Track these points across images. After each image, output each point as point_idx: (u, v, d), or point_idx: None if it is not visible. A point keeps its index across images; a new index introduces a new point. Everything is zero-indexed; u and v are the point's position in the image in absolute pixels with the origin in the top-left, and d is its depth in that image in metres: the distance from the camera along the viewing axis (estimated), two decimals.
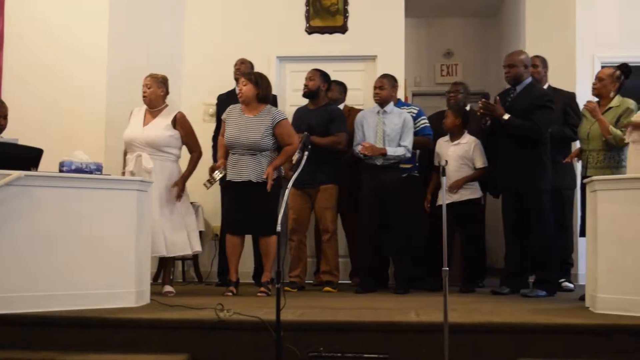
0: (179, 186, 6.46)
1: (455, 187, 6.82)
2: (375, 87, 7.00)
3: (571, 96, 7.08)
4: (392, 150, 6.78)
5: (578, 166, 6.82)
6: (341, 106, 7.56)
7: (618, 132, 6.00)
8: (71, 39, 7.51)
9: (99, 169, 5.49)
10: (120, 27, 7.67)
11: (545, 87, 7.10)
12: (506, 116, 6.34)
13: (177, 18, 8.28)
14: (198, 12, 8.31)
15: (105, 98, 7.48)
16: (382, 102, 6.94)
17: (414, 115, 7.22)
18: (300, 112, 7.21)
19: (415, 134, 7.10)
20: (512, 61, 6.55)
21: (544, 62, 7.22)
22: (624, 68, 6.27)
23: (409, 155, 6.90)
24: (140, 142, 6.41)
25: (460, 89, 7.58)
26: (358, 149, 6.83)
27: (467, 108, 7.44)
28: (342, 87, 7.70)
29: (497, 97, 6.47)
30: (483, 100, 6.47)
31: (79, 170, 5.36)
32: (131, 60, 7.63)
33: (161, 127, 6.47)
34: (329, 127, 6.99)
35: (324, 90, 7.18)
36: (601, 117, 6.07)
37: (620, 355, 4.47)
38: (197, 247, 6.62)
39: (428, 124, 7.27)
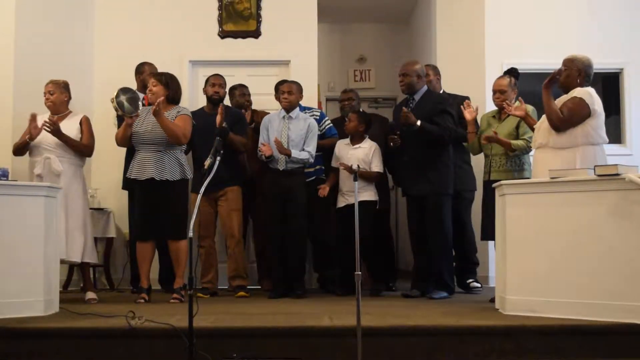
0: (56, 127, 6.25)
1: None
2: (283, 92, 6.96)
3: (463, 99, 7.20)
4: (297, 153, 6.77)
5: (479, 168, 6.94)
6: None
7: (519, 142, 6.17)
8: None
9: (4, 174, 5.37)
10: (27, 31, 7.47)
11: (440, 92, 7.25)
12: (419, 122, 6.43)
13: (87, 21, 8.11)
14: (108, 15, 8.16)
15: (12, 103, 7.30)
16: (290, 108, 6.94)
17: (317, 117, 7.28)
18: (200, 115, 7.03)
19: (322, 135, 7.17)
20: (406, 71, 6.69)
21: (435, 69, 7.39)
22: (514, 72, 6.46)
23: (311, 160, 6.91)
24: (49, 143, 6.31)
25: (353, 96, 7.69)
26: (264, 149, 6.79)
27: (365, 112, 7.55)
28: (248, 90, 7.65)
29: (405, 108, 6.53)
30: (404, 109, 6.51)
31: None
32: (39, 64, 7.42)
33: (69, 128, 6.40)
34: (234, 128, 6.93)
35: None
36: (502, 140, 6.20)
37: (528, 355, 4.59)
38: (94, 258, 6.60)
39: (332, 124, 7.37)
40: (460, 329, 4.72)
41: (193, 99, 7.86)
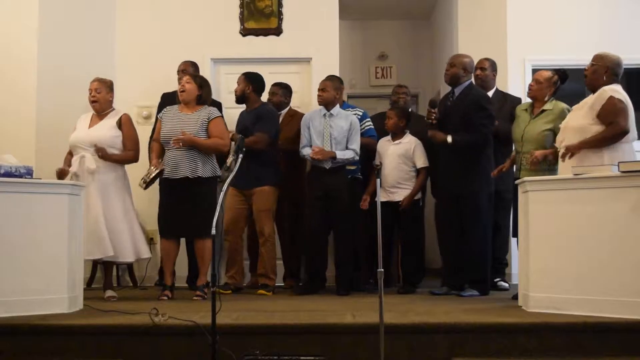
0: (103, 152, 6.33)
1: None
2: (318, 89, 6.97)
3: (518, 101, 7.11)
4: (341, 154, 6.77)
5: None
6: (285, 110, 7.52)
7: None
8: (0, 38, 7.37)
9: (29, 172, 5.40)
10: (51, 29, 7.51)
11: (492, 90, 7.19)
12: (449, 139, 6.39)
13: (109, 18, 8.14)
14: (130, 14, 8.18)
15: (35, 100, 7.34)
16: (325, 104, 6.92)
17: (359, 117, 7.23)
18: (240, 116, 7.13)
19: (360, 135, 7.12)
20: (453, 61, 6.64)
21: (492, 65, 7.30)
22: (562, 74, 6.36)
23: (357, 158, 6.89)
24: (84, 142, 6.35)
25: (406, 91, 7.69)
26: (306, 152, 6.81)
27: (410, 110, 7.51)
28: (286, 90, 7.62)
29: (430, 131, 6.59)
30: (429, 132, 6.60)
31: (8, 174, 5.25)
32: (62, 61, 7.49)
33: (106, 128, 6.44)
34: (254, 127, 6.95)
35: (250, 92, 7.09)
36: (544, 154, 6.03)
37: (552, 352, 4.57)
38: (145, 253, 6.56)
39: (372, 126, 7.33)
40: (482, 326, 4.71)
41: (215, 96, 7.86)
